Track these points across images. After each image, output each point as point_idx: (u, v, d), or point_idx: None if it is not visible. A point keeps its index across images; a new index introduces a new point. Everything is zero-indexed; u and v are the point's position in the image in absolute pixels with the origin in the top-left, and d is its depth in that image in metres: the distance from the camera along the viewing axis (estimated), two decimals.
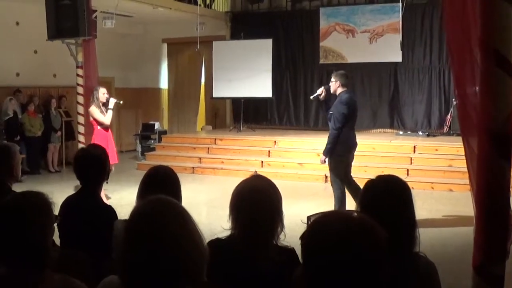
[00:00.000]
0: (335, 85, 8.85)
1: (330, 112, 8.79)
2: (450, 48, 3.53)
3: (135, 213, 2.09)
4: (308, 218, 1.96)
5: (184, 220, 2.06)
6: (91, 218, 3.83)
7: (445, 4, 3.51)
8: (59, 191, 4.05)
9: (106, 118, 10.33)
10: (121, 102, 10.73)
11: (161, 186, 3.37)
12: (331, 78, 9.06)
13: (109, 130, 10.56)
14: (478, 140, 2.86)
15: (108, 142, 10.30)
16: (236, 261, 2.97)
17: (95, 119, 10.34)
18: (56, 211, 2.88)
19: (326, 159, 8.85)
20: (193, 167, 14.90)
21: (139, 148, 17.48)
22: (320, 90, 9.00)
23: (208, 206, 10.98)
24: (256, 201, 2.95)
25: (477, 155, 2.87)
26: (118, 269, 2.07)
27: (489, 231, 2.92)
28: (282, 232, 3.05)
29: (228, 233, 3.12)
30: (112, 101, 10.37)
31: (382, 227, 2.50)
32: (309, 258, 1.79)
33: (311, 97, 9.46)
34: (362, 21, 16.88)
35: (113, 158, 10.46)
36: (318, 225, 1.82)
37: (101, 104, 10.34)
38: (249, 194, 3.00)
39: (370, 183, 2.89)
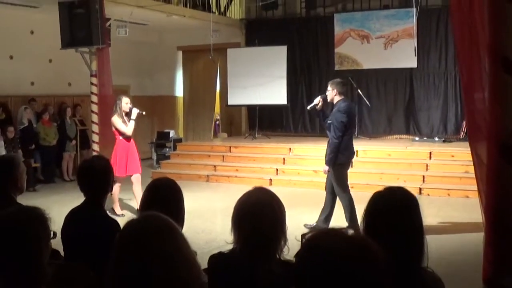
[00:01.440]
0: (332, 94, 8.88)
1: (329, 121, 8.83)
2: (458, 55, 3.43)
3: (125, 228, 2.05)
4: (303, 236, 1.88)
5: (175, 236, 2.03)
6: (94, 231, 3.77)
7: (453, 10, 3.40)
8: (74, 200, 4.00)
9: (128, 128, 10.23)
10: (144, 113, 10.59)
11: (163, 199, 3.32)
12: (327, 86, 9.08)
13: (132, 140, 10.46)
14: (487, 149, 2.75)
15: (129, 152, 10.24)
16: (237, 275, 2.91)
17: (117, 129, 10.25)
18: (56, 226, 2.82)
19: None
20: (207, 175, 14.85)
21: (154, 157, 17.48)
22: (317, 100, 9.03)
23: (222, 214, 10.90)
24: (258, 214, 2.89)
25: (486, 164, 2.76)
26: (106, 284, 2.02)
27: (498, 243, 2.82)
28: (286, 246, 2.98)
29: (231, 246, 3.06)
30: (135, 112, 10.25)
31: (388, 241, 2.43)
32: (302, 279, 1.72)
33: (308, 107, 9.47)
34: (377, 27, 16.78)
35: (136, 168, 10.38)
36: (312, 245, 1.74)
37: (124, 114, 10.25)
38: (250, 207, 2.94)
39: (377, 195, 2.80)
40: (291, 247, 2.94)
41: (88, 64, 12.17)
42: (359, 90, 16.43)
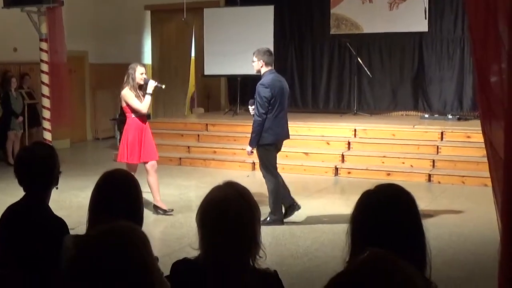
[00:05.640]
0: (258, 65, 9.13)
1: (255, 97, 9.06)
2: (470, 25, 3.34)
3: (82, 245, 2.10)
4: None
5: (139, 254, 2.05)
6: (35, 232, 3.68)
7: None
8: (20, 189, 3.89)
9: (143, 104, 9.70)
10: (164, 86, 10.25)
11: (117, 197, 3.26)
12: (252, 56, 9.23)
13: (147, 122, 10.07)
14: (505, 143, 2.65)
15: (144, 135, 9.84)
16: (202, 285, 2.85)
17: (128, 105, 9.83)
18: None
19: (254, 150, 9.20)
20: (180, 158, 14.81)
21: (117, 135, 17.35)
22: (252, 110, 9.23)
23: (196, 205, 10.80)
24: (221, 213, 2.82)
25: (504, 161, 2.66)
26: None
27: None
28: (263, 252, 2.91)
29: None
30: (152, 84, 9.75)
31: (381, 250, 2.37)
32: None
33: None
34: None
35: (152, 153, 9.95)
36: None
37: (137, 87, 9.82)
38: (213, 205, 2.88)
39: (365, 196, 2.73)
40: (271, 251, 2.87)
41: (37, 26, 11.97)
42: (358, 58, 16.35)
